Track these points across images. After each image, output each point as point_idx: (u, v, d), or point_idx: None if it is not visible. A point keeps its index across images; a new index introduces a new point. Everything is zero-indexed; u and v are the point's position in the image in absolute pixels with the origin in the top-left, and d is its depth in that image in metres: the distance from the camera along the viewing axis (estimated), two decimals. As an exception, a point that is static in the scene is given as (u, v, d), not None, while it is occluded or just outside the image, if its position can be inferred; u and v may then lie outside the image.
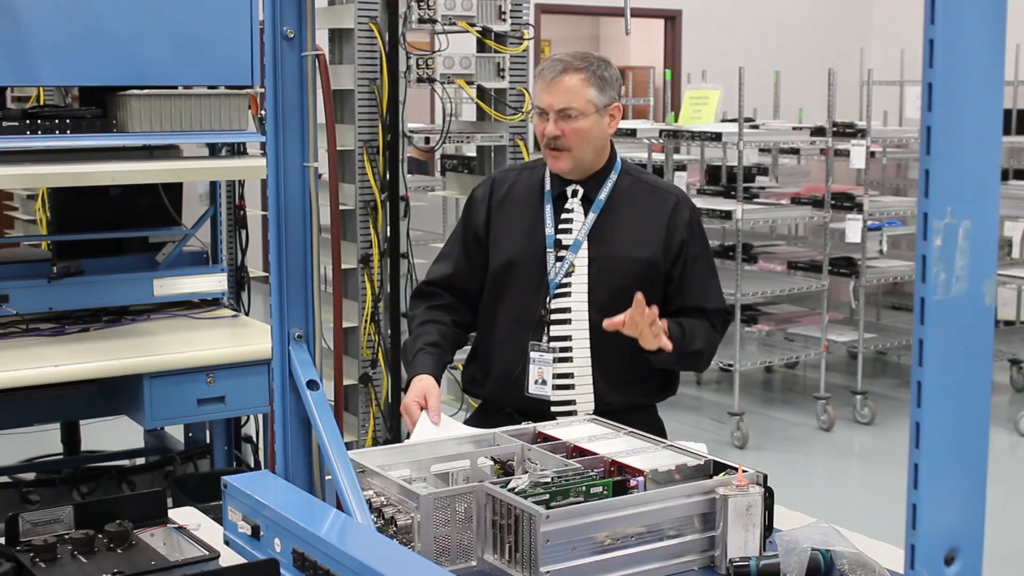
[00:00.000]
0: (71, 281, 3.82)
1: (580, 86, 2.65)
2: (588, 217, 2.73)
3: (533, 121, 2.78)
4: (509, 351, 2.74)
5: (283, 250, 1.92)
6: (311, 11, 1.90)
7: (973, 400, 1.08)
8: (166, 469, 4.23)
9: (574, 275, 2.70)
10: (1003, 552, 4.43)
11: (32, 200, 5.09)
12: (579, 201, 2.75)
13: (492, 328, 2.79)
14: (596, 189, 2.75)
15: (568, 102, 2.64)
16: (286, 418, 1.95)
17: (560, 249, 2.72)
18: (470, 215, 2.84)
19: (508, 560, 1.82)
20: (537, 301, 2.70)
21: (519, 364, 2.71)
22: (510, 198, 2.81)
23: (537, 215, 2.76)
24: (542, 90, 2.68)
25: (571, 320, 2.69)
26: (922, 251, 1.04)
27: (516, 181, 2.84)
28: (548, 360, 2.68)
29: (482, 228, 2.80)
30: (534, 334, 2.70)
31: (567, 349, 2.69)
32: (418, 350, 2.71)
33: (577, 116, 2.65)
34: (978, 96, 1.05)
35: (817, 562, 1.76)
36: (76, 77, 3.72)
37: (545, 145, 2.70)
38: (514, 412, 2.68)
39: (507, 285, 2.76)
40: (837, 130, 6.61)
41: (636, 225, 2.74)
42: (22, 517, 1.87)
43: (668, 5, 10.41)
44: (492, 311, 2.80)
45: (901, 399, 7.08)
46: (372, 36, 4.17)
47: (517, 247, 2.75)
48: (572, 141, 2.66)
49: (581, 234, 2.72)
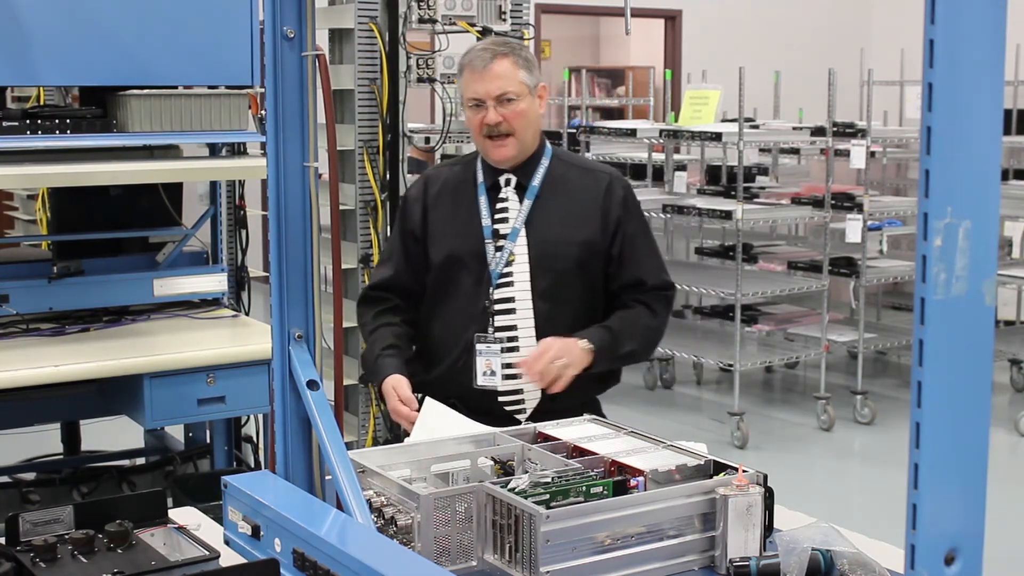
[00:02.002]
0: (71, 281, 3.82)
1: (511, 69, 2.69)
2: (523, 204, 2.75)
3: (466, 116, 2.78)
4: (453, 344, 2.75)
5: (283, 250, 1.92)
6: (311, 11, 1.90)
7: (973, 400, 1.08)
8: (166, 469, 4.23)
9: (515, 264, 2.72)
10: (1003, 552, 4.43)
11: (32, 200, 5.09)
12: (513, 189, 2.76)
13: (435, 322, 2.80)
14: (529, 176, 2.77)
15: (504, 87, 2.68)
16: (286, 418, 1.95)
17: (498, 239, 2.73)
18: (406, 216, 2.85)
19: (508, 560, 1.82)
20: (480, 293, 2.72)
21: (464, 357, 2.73)
22: (444, 194, 2.82)
23: (472, 208, 2.77)
24: (475, 80, 2.70)
25: (516, 310, 2.71)
26: (922, 251, 1.04)
27: (448, 177, 2.85)
28: (495, 351, 2.69)
29: (419, 227, 2.81)
30: (479, 326, 2.72)
31: (514, 339, 2.71)
32: (377, 356, 2.74)
33: (515, 99, 2.68)
34: (978, 96, 1.05)
35: (817, 562, 1.76)
36: (76, 77, 3.72)
37: (486, 135, 2.71)
38: (459, 403, 2.68)
39: (449, 279, 2.77)
40: (837, 130, 6.61)
41: (571, 208, 2.76)
42: (22, 517, 1.87)
43: (668, 5, 10.41)
44: (434, 306, 2.81)
45: (901, 399, 7.08)
46: (372, 36, 4.17)
47: (456, 241, 2.76)
48: (515, 125, 2.69)
49: (518, 222, 2.74)
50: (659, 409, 6.98)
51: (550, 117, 10.96)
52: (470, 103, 2.72)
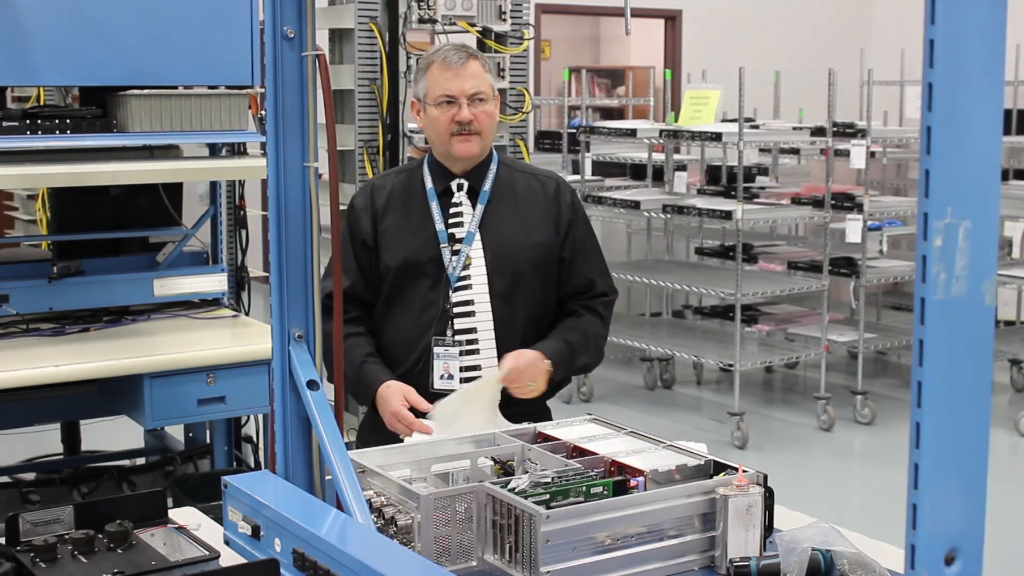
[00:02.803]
0: (71, 281, 3.82)
1: (481, 71, 2.73)
2: (476, 209, 2.77)
3: (432, 113, 2.73)
4: (410, 348, 2.75)
5: (283, 250, 1.92)
6: (311, 11, 1.90)
7: (973, 400, 1.08)
8: (166, 469, 4.23)
9: (472, 267, 2.73)
10: (1003, 552, 4.43)
11: (32, 200, 5.09)
12: (465, 194, 2.77)
13: (390, 328, 2.80)
14: (480, 181, 2.78)
15: (478, 86, 2.70)
16: (286, 418, 1.95)
17: (454, 243, 2.75)
18: (353, 225, 2.82)
19: (508, 560, 1.82)
20: (436, 297, 2.73)
21: (420, 360, 2.74)
22: (393, 202, 2.81)
23: (425, 213, 2.77)
24: (450, 78, 2.70)
25: (475, 312, 2.72)
26: (922, 251, 1.04)
27: (395, 184, 2.85)
28: (454, 354, 2.71)
29: (370, 236, 2.79)
30: (437, 329, 2.72)
31: (473, 341, 2.72)
32: (361, 363, 2.72)
33: (485, 100, 2.72)
34: (978, 96, 1.05)
35: (817, 562, 1.76)
36: (76, 77, 3.72)
37: (455, 133, 2.71)
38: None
39: (404, 285, 2.77)
40: (837, 130, 6.61)
41: (523, 211, 2.80)
42: (22, 517, 1.87)
43: (668, 5, 10.41)
44: (388, 312, 2.81)
45: (901, 399, 7.08)
46: (372, 36, 4.17)
47: (411, 247, 2.76)
48: (483, 124, 2.72)
49: (472, 226, 2.75)
50: (659, 409, 6.98)
51: (550, 117, 10.97)
52: (441, 99, 2.71)
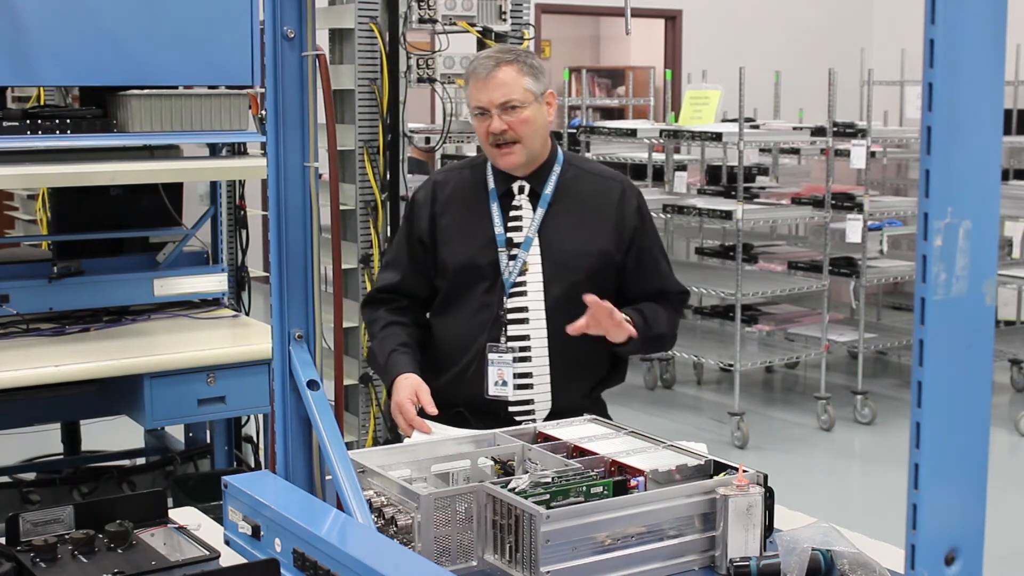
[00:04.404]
0: (71, 281, 3.82)
1: (515, 77, 2.66)
2: (536, 213, 2.72)
3: (473, 124, 2.76)
4: (462, 351, 2.73)
5: (283, 250, 1.92)
6: (311, 11, 1.90)
7: (973, 400, 1.08)
8: (166, 469, 4.23)
9: (528, 273, 2.69)
10: (1003, 552, 4.43)
11: (32, 200, 5.09)
12: (527, 197, 2.74)
13: (444, 330, 2.78)
14: (542, 183, 2.74)
15: (508, 94, 2.65)
16: (286, 418, 1.95)
17: (512, 248, 2.71)
18: (413, 220, 2.81)
19: (508, 560, 1.82)
20: (492, 302, 2.70)
21: (473, 365, 2.71)
22: (454, 199, 2.78)
23: (484, 214, 2.74)
24: (479, 89, 2.67)
25: (529, 319, 2.69)
26: (922, 251, 1.04)
27: (459, 181, 2.81)
28: (508, 360, 2.67)
29: (427, 233, 2.77)
30: (491, 335, 2.69)
31: (526, 349, 2.69)
32: (391, 351, 2.70)
33: (519, 107, 2.65)
34: (978, 96, 1.05)
35: (817, 562, 1.76)
36: (76, 77, 3.72)
37: (492, 144, 2.68)
38: (466, 411, 2.68)
39: (459, 287, 2.74)
40: (837, 130, 6.61)
41: (585, 217, 2.74)
42: (22, 517, 1.87)
43: (668, 5, 10.41)
44: (444, 313, 2.78)
45: (901, 399, 7.08)
46: (372, 36, 4.17)
47: (468, 249, 2.73)
48: (521, 132, 2.66)
49: (531, 231, 2.71)
50: (659, 409, 6.98)
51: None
52: (475, 111, 2.70)
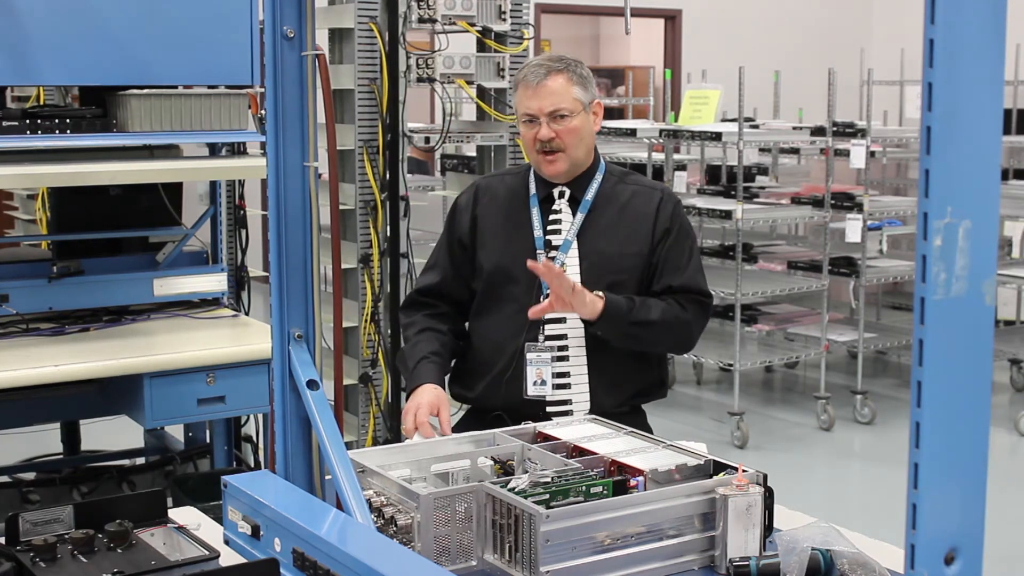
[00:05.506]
0: (71, 281, 3.82)
1: (565, 86, 2.68)
2: (576, 217, 2.75)
3: (520, 130, 2.78)
4: (500, 353, 2.74)
5: (283, 250, 1.92)
6: (311, 11, 1.90)
7: (973, 400, 1.08)
8: (166, 469, 4.23)
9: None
10: (1003, 552, 4.43)
11: (32, 200, 5.09)
12: (566, 202, 2.76)
13: (482, 332, 2.80)
14: (583, 190, 2.77)
15: (557, 103, 2.67)
16: (286, 418, 1.95)
17: (550, 250, 2.73)
18: (454, 223, 2.85)
19: (508, 560, 1.82)
20: (530, 303, 2.70)
21: (512, 366, 2.72)
22: (495, 204, 2.82)
23: (524, 218, 2.77)
24: (529, 96, 2.69)
25: (566, 318, 2.70)
26: (922, 251, 1.04)
27: (501, 186, 2.86)
28: (546, 360, 2.69)
29: (467, 236, 2.81)
30: (529, 335, 2.71)
31: (564, 348, 2.71)
32: (422, 358, 2.71)
33: (568, 116, 2.68)
34: (978, 96, 1.05)
35: (817, 562, 1.76)
36: (76, 77, 3.72)
37: (539, 150, 2.70)
38: (504, 415, 2.68)
39: (498, 289, 2.77)
40: (837, 130, 6.61)
41: (623, 222, 2.76)
42: (22, 517, 1.87)
43: (668, 5, 10.41)
44: (482, 316, 2.80)
45: (901, 399, 7.08)
46: (372, 36, 4.17)
47: (506, 251, 2.76)
48: (567, 141, 2.69)
49: (570, 234, 2.73)
50: (659, 409, 6.95)
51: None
52: (524, 118, 2.72)
